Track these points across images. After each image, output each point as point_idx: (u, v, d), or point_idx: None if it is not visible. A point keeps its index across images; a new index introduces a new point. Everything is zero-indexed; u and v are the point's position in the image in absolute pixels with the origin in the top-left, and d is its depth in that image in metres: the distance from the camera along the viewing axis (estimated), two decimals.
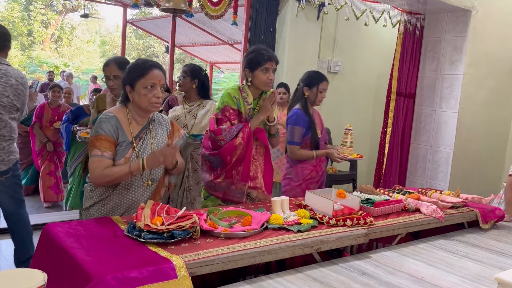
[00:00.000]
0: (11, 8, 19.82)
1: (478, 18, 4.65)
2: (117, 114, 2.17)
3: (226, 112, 2.71)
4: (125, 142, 2.14)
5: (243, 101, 2.74)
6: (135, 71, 2.15)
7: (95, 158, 2.08)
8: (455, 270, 2.13)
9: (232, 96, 2.72)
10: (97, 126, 2.13)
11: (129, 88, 2.15)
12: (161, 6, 3.47)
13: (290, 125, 3.27)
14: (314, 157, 3.25)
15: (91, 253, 1.69)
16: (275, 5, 5.23)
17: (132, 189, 2.19)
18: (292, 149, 3.26)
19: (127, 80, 2.17)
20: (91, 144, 2.11)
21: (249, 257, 1.83)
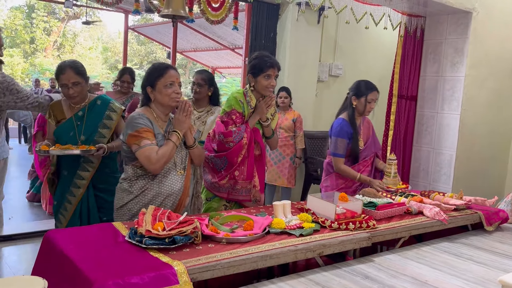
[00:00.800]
0: (14, 16, 19.93)
1: (479, 20, 4.64)
2: (146, 113, 2.36)
3: (233, 116, 2.78)
4: (159, 134, 2.36)
5: (247, 105, 2.81)
6: (154, 73, 2.37)
7: (147, 147, 2.25)
8: (459, 273, 2.12)
9: (238, 100, 2.80)
10: (133, 123, 2.30)
11: (150, 89, 2.36)
12: (160, 12, 3.48)
13: (333, 137, 3.18)
14: (356, 179, 3.14)
15: (92, 259, 1.68)
16: (275, 9, 5.24)
17: (169, 177, 2.36)
18: (336, 161, 3.16)
19: (147, 82, 2.38)
20: (135, 138, 2.27)
21: (251, 262, 1.83)
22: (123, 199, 2.36)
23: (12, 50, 19.51)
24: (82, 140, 2.76)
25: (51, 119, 2.81)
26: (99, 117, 2.83)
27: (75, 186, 2.82)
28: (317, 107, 5.66)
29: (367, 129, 3.33)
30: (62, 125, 2.80)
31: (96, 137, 2.79)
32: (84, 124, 2.80)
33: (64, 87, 2.72)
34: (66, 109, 2.82)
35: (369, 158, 3.26)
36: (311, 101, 5.54)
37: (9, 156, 4.12)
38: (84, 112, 2.82)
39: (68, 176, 2.83)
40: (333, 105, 5.67)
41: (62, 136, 2.78)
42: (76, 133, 2.79)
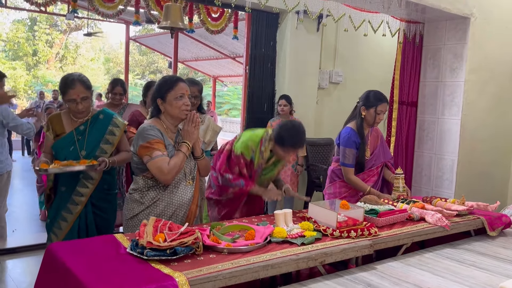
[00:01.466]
0: (16, 29, 20.11)
1: (477, 25, 4.66)
2: (156, 125, 2.39)
3: (240, 159, 2.75)
4: (170, 146, 2.39)
5: (259, 154, 2.75)
6: (164, 86, 2.40)
7: (159, 158, 2.28)
8: (462, 279, 2.11)
9: (250, 148, 2.74)
10: (144, 135, 2.32)
11: (160, 101, 2.39)
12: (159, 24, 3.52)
13: (342, 146, 3.16)
14: (366, 192, 3.10)
15: (94, 272, 1.69)
16: (274, 18, 5.28)
17: (180, 187, 2.41)
18: (346, 171, 3.14)
19: (157, 94, 2.40)
20: (147, 149, 2.29)
21: (252, 272, 1.83)
22: (134, 210, 2.38)
23: (15, 62, 19.66)
24: (83, 156, 2.65)
25: (50, 132, 2.69)
26: (101, 132, 2.72)
27: (73, 203, 2.68)
28: (318, 115, 5.67)
29: (375, 139, 3.31)
30: (62, 140, 2.67)
31: (97, 153, 2.68)
32: (85, 139, 2.69)
33: (72, 102, 2.60)
34: (66, 123, 2.70)
35: (375, 167, 3.24)
36: (312, 108, 5.56)
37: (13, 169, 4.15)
38: (86, 127, 2.71)
39: (66, 192, 2.69)
40: (334, 112, 5.69)
41: (62, 151, 2.66)
42: (77, 148, 2.67)
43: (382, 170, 3.31)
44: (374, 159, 3.25)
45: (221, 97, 19.11)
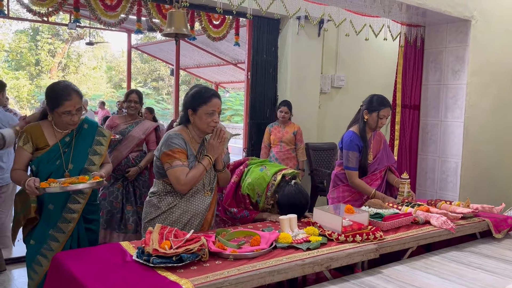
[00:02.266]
0: (19, 39, 20.25)
1: (478, 28, 4.67)
2: (182, 133, 2.41)
3: (246, 199, 2.76)
4: (192, 156, 2.41)
5: (265, 199, 2.72)
6: (199, 98, 2.38)
7: (178, 168, 2.31)
8: (469, 282, 2.10)
9: (256, 192, 2.74)
10: (169, 142, 2.34)
11: (191, 112, 2.39)
12: (163, 31, 3.54)
13: (345, 150, 3.17)
14: (371, 196, 3.10)
15: (101, 280, 1.69)
16: (276, 24, 5.30)
17: (197, 197, 2.44)
18: (350, 175, 3.16)
19: (190, 105, 2.40)
20: (168, 157, 2.32)
21: (258, 278, 1.83)
22: (151, 214, 2.43)
23: (18, 72, 19.78)
24: (70, 169, 2.44)
25: (28, 146, 2.39)
26: (88, 142, 2.53)
27: (65, 221, 2.46)
28: (320, 119, 5.68)
29: (377, 143, 3.31)
30: (46, 154, 2.41)
31: (86, 165, 2.50)
32: (72, 152, 2.46)
33: (67, 115, 2.38)
34: (49, 135, 2.44)
35: (378, 171, 3.25)
36: (314, 113, 5.57)
37: None
38: (72, 138, 2.49)
39: (54, 210, 2.45)
40: (336, 117, 5.70)
41: (46, 166, 2.41)
42: (63, 162, 2.43)
43: (386, 174, 3.30)
44: (377, 163, 3.25)
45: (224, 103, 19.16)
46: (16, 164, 2.42)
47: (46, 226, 2.46)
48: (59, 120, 2.41)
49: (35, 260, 2.45)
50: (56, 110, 2.38)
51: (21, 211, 2.47)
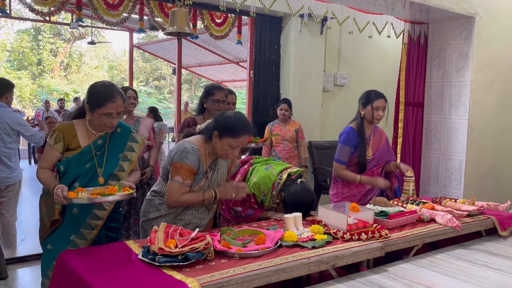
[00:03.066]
0: (21, 39, 20.26)
1: (482, 24, 4.64)
2: (200, 148, 2.36)
3: (252, 198, 2.76)
4: (202, 172, 2.36)
5: (270, 198, 2.74)
6: (231, 130, 2.32)
7: (176, 184, 2.29)
8: (475, 280, 2.09)
9: (262, 191, 2.75)
10: (182, 155, 2.31)
11: (216, 136, 2.34)
12: (165, 30, 3.53)
13: (339, 144, 3.21)
14: (357, 181, 3.15)
15: (106, 279, 1.69)
16: (278, 22, 5.29)
17: (200, 210, 2.43)
18: (337, 167, 3.19)
19: (219, 129, 2.33)
20: (175, 169, 2.30)
21: (264, 276, 1.82)
22: (150, 214, 2.42)
23: (20, 72, 19.79)
24: (101, 174, 2.34)
25: (60, 145, 2.29)
26: (120, 148, 2.41)
27: (88, 227, 2.36)
28: (323, 117, 5.67)
29: (378, 140, 3.31)
30: (78, 155, 2.30)
31: (116, 171, 2.38)
32: (105, 155, 2.34)
33: (108, 116, 2.27)
34: (82, 136, 2.32)
35: (376, 168, 3.26)
36: (317, 111, 5.55)
37: None
38: (105, 141, 2.37)
39: (79, 215, 2.34)
40: (339, 115, 5.68)
41: (75, 168, 2.30)
42: (96, 166, 2.32)
43: (383, 170, 3.31)
44: (376, 160, 3.26)
45: None
46: (44, 162, 2.30)
47: (68, 231, 2.33)
48: (98, 121, 2.30)
49: (51, 266, 2.27)
50: (97, 110, 2.26)
51: (46, 213, 2.35)
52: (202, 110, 3.41)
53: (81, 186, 2.23)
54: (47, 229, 2.36)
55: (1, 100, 3.86)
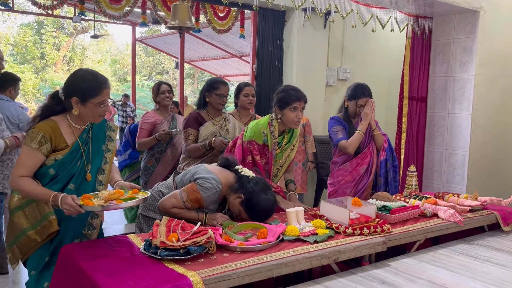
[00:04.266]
0: (24, 32, 20.26)
1: (487, 19, 4.61)
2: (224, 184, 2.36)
3: (251, 146, 2.78)
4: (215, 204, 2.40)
5: (270, 135, 2.80)
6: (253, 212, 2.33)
7: (179, 198, 2.32)
8: (478, 276, 2.09)
9: (261, 132, 2.78)
10: (206, 188, 2.31)
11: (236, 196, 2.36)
12: (167, 24, 3.52)
13: (329, 129, 3.27)
14: (361, 134, 3.15)
15: (108, 273, 1.69)
16: (281, 16, 5.26)
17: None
18: (342, 145, 3.19)
19: (245, 206, 2.34)
20: (190, 189, 2.32)
21: (266, 270, 1.82)
22: (148, 212, 2.45)
23: (23, 66, 19.81)
24: (89, 170, 2.17)
25: (46, 147, 2.05)
26: (102, 138, 2.26)
27: (90, 228, 2.24)
28: (326, 112, 5.64)
29: None
30: (69, 155, 2.10)
31: (102, 165, 2.24)
32: (90, 149, 2.18)
33: (101, 105, 2.11)
34: (67, 133, 2.12)
35: (367, 148, 3.29)
36: (320, 106, 5.53)
37: None
38: (88, 134, 2.20)
39: (78, 218, 2.16)
40: None
41: (67, 169, 2.11)
42: (85, 163, 2.15)
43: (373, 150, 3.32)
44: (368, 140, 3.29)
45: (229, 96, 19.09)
46: (25, 169, 2.02)
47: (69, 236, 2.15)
48: (92, 112, 2.10)
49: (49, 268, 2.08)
50: (91, 100, 2.07)
51: (30, 227, 2.09)
52: (204, 105, 3.39)
53: (76, 187, 2.11)
54: (34, 244, 2.10)
55: (4, 93, 3.85)
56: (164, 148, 3.89)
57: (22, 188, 2.02)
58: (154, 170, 3.96)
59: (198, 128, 3.30)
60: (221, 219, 2.34)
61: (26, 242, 2.10)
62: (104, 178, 2.24)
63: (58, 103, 2.14)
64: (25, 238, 2.10)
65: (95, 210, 2.01)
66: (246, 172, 2.42)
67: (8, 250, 2.17)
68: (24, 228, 2.09)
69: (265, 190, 2.34)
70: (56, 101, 2.15)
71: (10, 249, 2.16)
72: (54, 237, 2.12)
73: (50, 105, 2.16)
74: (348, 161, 3.25)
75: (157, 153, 3.91)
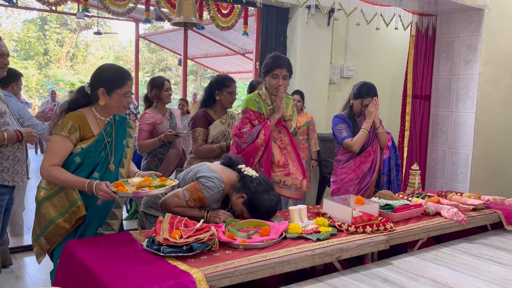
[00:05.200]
0: (27, 28, 20.28)
1: (491, 17, 4.59)
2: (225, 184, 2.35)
3: (246, 114, 2.88)
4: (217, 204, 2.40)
5: (264, 103, 2.90)
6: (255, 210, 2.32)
7: (181, 197, 2.31)
8: (480, 274, 2.09)
9: (253, 100, 2.89)
10: (209, 186, 2.31)
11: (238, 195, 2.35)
12: (172, 20, 3.51)
13: (335, 127, 3.27)
14: (366, 132, 3.16)
15: (111, 269, 1.70)
16: (285, 13, 5.25)
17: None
18: (347, 143, 3.18)
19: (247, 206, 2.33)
20: (193, 188, 2.31)
21: (268, 268, 1.82)
22: (150, 210, 2.46)
23: (27, 62, 19.84)
24: (112, 161, 2.27)
25: (75, 135, 2.16)
26: (123, 133, 2.36)
27: (113, 217, 2.31)
28: (329, 109, 5.63)
29: None
30: (94, 144, 2.20)
31: (123, 158, 2.33)
32: (113, 142, 2.28)
33: (126, 96, 2.23)
34: (93, 124, 2.23)
35: (370, 146, 3.29)
36: (323, 103, 5.52)
37: None
38: (111, 127, 2.30)
39: (102, 206, 2.25)
40: None
41: (93, 158, 2.20)
42: (108, 153, 2.25)
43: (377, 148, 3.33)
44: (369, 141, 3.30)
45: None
46: (56, 157, 2.11)
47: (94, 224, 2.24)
48: (117, 103, 2.22)
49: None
50: (117, 91, 2.20)
51: (58, 215, 2.18)
52: (212, 103, 3.28)
53: (100, 176, 2.19)
54: (63, 232, 2.20)
55: (7, 89, 3.86)
56: (167, 148, 3.84)
57: (56, 176, 2.11)
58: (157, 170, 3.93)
59: (208, 127, 3.24)
60: (223, 216, 2.34)
61: (55, 230, 2.19)
62: (124, 172, 2.32)
63: (84, 96, 2.27)
64: (53, 226, 2.18)
65: (127, 196, 2.09)
66: (249, 172, 2.41)
67: (35, 244, 2.26)
68: (53, 217, 2.18)
69: (268, 190, 2.33)
70: (82, 94, 2.27)
71: (37, 242, 2.25)
72: (80, 225, 2.20)
73: (77, 99, 2.28)
74: (352, 159, 3.25)
75: (160, 153, 3.85)
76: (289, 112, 2.99)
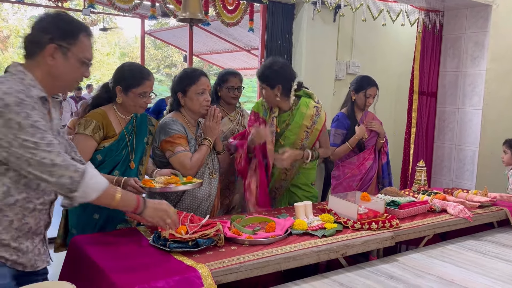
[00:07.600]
0: None
1: (499, 13, 4.55)
2: (177, 118, 2.41)
3: (255, 115, 2.84)
4: (192, 139, 2.43)
5: (270, 111, 2.83)
6: (186, 79, 2.40)
7: (182, 153, 2.31)
8: (486, 272, 2.08)
9: (261, 105, 2.85)
10: (167, 129, 2.34)
11: (181, 95, 2.42)
12: (178, 17, 3.51)
13: (332, 128, 3.33)
14: (349, 147, 3.26)
15: (118, 264, 1.71)
16: (290, 9, 5.23)
17: (204, 181, 2.44)
18: (331, 150, 3.22)
19: (178, 88, 2.42)
20: (169, 144, 2.32)
21: (274, 264, 1.83)
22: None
23: None
24: (132, 159, 2.29)
25: (98, 134, 2.17)
26: (144, 131, 2.37)
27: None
28: (335, 106, 5.60)
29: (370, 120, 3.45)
30: (116, 143, 2.23)
31: (143, 155, 2.35)
32: (135, 140, 2.30)
33: (143, 96, 2.23)
34: (115, 122, 2.25)
35: (371, 146, 3.38)
36: (329, 100, 5.50)
37: None
38: (133, 125, 2.33)
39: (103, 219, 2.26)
40: None
41: (114, 156, 2.23)
42: (129, 152, 2.27)
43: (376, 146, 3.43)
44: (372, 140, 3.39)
45: None
46: (84, 156, 2.03)
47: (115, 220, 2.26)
48: (133, 102, 2.23)
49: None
50: (133, 90, 2.21)
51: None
52: (217, 99, 3.11)
53: (120, 174, 2.21)
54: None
55: None
56: None
57: None
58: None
59: None
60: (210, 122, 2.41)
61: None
62: (143, 169, 2.37)
63: (106, 92, 2.31)
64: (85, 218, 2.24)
65: (154, 191, 2.13)
66: None
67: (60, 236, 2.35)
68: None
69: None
70: (105, 89, 2.31)
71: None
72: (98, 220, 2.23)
73: (100, 94, 2.33)
74: (354, 155, 3.32)
75: None
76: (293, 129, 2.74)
